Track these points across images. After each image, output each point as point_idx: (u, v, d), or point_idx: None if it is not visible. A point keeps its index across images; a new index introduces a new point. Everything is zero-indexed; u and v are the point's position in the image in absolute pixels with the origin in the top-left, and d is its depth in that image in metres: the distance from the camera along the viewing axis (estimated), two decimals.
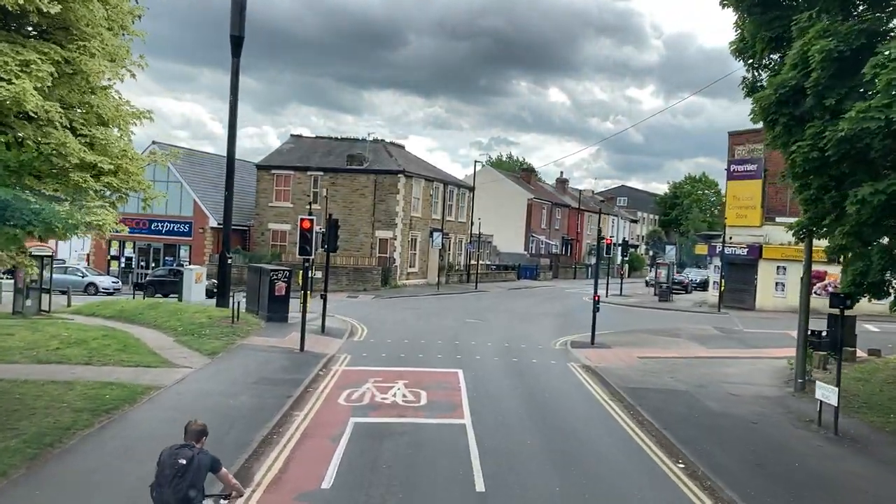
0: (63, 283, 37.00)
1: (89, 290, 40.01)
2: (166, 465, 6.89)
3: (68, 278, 38.99)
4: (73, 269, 41.89)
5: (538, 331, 29.10)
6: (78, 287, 38.92)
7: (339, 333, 25.38)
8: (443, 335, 26.29)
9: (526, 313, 36.07)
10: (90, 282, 40.99)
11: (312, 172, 49.39)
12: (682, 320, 35.42)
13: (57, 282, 37.56)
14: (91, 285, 40.66)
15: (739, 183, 41.49)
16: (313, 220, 20.75)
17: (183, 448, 7.03)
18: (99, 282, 41.54)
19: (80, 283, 39.99)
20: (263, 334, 23.71)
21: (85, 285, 40.36)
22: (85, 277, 41.27)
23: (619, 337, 27.40)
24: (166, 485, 6.82)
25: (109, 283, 41.96)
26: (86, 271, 42.21)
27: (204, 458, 7.04)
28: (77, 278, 40.38)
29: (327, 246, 24.98)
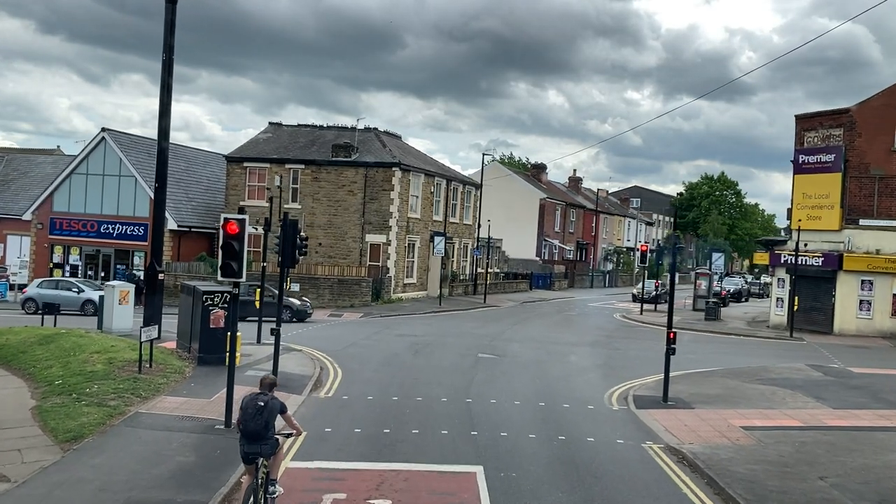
0: (55, 301, 29.71)
1: (87, 309, 31.83)
2: (249, 406, 9.08)
3: (60, 294, 32.15)
4: (66, 284, 34.03)
5: (578, 372, 21.36)
6: (72, 305, 31.88)
7: (298, 384, 17.69)
8: (449, 385, 18.54)
9: (553, 340, 28.34)
10: (87, 299, 32.51)
11: (291, 165, 41.68)
12: (756, 352, 27.68)
13: (46, 298, 30.86)
14: (89, 304, 32.07)
15: (811, 177, 33.78)
16: (243, 220, 13.06)
17: (260, 395, 9.27)
18: (96, 297, 32.10)
19: (75, 301, 32.40)
20: (183, 390, 16.01)
21: (81, 303, 32.42)
22: (81, 294, 33.04)
23: (693, 385, 19.67)
24: (250, 420, 9.00)
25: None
26: (82, 286, 33.97)
27: (275, 402, 9.34)
28: (71, 294, 32.80)
29: (282, 258, 17.28)
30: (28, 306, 32.44)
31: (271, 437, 9.22)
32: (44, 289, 33.28)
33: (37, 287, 33.59)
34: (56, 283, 34.30)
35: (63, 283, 34.47)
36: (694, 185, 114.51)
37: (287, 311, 31.07)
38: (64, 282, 34.66)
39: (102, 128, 41.04)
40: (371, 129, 44.59)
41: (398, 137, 47.38)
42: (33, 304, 32.13)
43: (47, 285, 33.99)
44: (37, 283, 34.19)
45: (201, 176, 46.02)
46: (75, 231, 41.58)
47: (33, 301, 32.34)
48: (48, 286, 33.80)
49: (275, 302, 30.34)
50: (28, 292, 33.38)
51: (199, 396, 15.45)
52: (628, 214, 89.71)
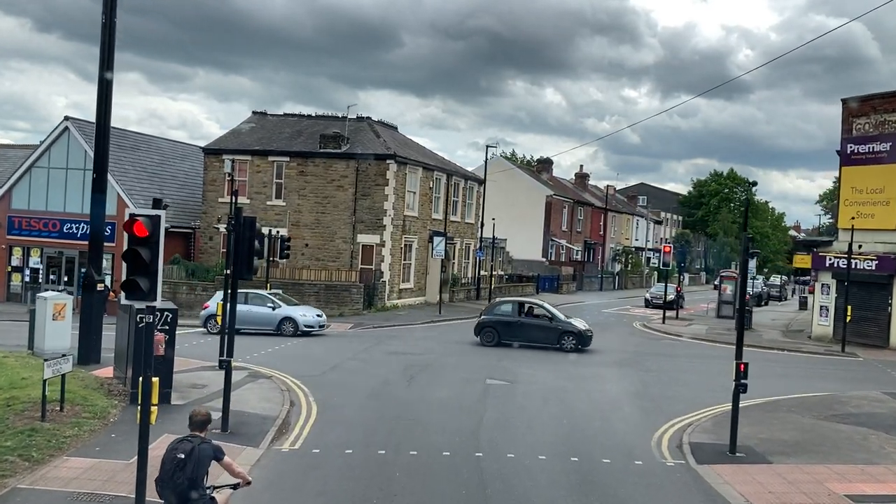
0: (247, 320, 25.88)
1: (285, 328, 26.99)
2: (166, 461, 7.05)
3: (251, 311, 26.88)
4: (258, 298, 27.85)
5: (610, 405, 17.31)
6: (265, 324, 27.06)
7: (256, 429, 13.64)
8: (452, 429, 14.50)
9: (571, 359, 24.30)
10: (285, 317, 27.29)
11: (275, 158, 37.62)
12: (811, 372, 23.66)
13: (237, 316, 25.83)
14: (288, 322, 27.16)
15: (861, 169, 29.74)
16: (158, 219, 9.06)
17: (183, 441, 7.09)
18: (299, 316, 27.51)
19: (270, 319, 27.21)
20: (96, 446, 11.97)
21: (278, 322, 27.15)
22: (277, 310, 27.40)
23: (758, 424, 15.63)
24: (168, 478, 6.95)
25: (313, 317, 27.90)
26: (277, 300, 28.07)
27: (205, 448, 7.10)
28: (264, 311, 27.34)
29: (234, 266, 13.26)
30: (211, 325, 26.67)
31: (203, 497, 7.16)
32: None
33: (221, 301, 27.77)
34: (245, 297, 26.97)
35: (254, 296, 27.94)
36: (702, 183, 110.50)
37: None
38: (255, 295, 28.08)
39: (65, 116, 36.94)
40: (364, 118, 40.51)
41: (394, 128, 43.31)
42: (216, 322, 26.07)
43: None
44: (219, 297, 27.84)
45: (178, 170, 41.97)
46: (35, 231, 37.51)
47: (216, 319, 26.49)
48: None
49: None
50: (211, 308, 26.86)
51: (115, 455, 11.40)
52: (636, 213, 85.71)
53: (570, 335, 25.60)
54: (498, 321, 26.21)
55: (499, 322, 26.19)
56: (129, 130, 41.89)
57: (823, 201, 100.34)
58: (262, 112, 42.61)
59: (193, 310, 33.05)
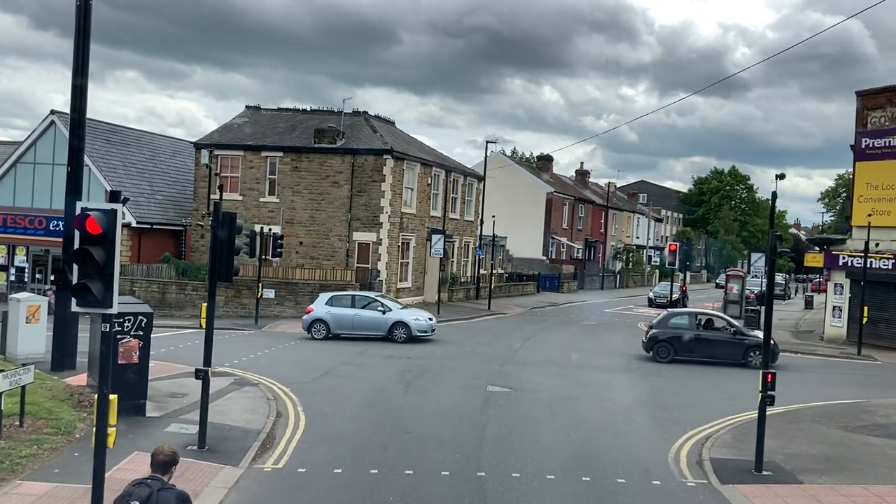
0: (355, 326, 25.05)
1: (397, 334, 25.24)
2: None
3: (360, 315, 25.44)
4: (365, 300, 26.23)
5: (622, 415, 16.13)
6: (377, 330, 25.44)
7: (238, 445, 12.47)
8: (451, 443, 13.33)
9: (577, 363, 23.14)
10: (397, 321, 25.48)
11: (268, 153, 36.40)
12: (830, 377, 22.48)
13: (341, 319, 25.15)
14: (400, 327, 25.36)
15: (877, 165, 28.60)
16: (114, 214, 7.87)
17: (140, 485, 5.89)
18: (412, 320, 25.72)
19: (380, 324, 25.49)
20: (55, 467, 10.79)
21: (389, 326, 25.40)
22: (388, 314, 25.69)
23: (782, 437, 14.44)
24: None
25: (425, 321, 26.09)
26: (387, 302, 26.49)
27: (166, 495, 5.84)
28: (374, 315, 25.59)
29: (210, 270, 12.08)
30: (316, 329, 25.52)
31: None
32: (336, 306, 25.91)
33: (326, 304, 26.03)
34: (351, 300, 26.27)
35: (361, 299, 26.45)
36: (703, 180, 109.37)
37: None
38: (362, 298, 26.60)
39: (51, 110, 35.69)
40: (360, 112, 39.32)
41: (391, 123, 42.10)
42: (324, 326, 25.47)
43: (339, 302, 26.23)
44: (325, 299, 26.42)
45: (169, 166, 40.74)
46: (21, 228, 36.22)
47: (323, 323, 25.53)
48: (340, 303, 26.15)
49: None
50: (315, 311, 25.83)
51: (76, 478, 10.21)
52: (637, 210, 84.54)
53: (758, 350, 23.26)
54: (672, 335, 23.93)
55: (673, 337, 23.91)
56: (119, 125, 40.63)
57: (825, 199, 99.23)
58: (255, 106, 41.37)
59: (184, 310, 31.93)
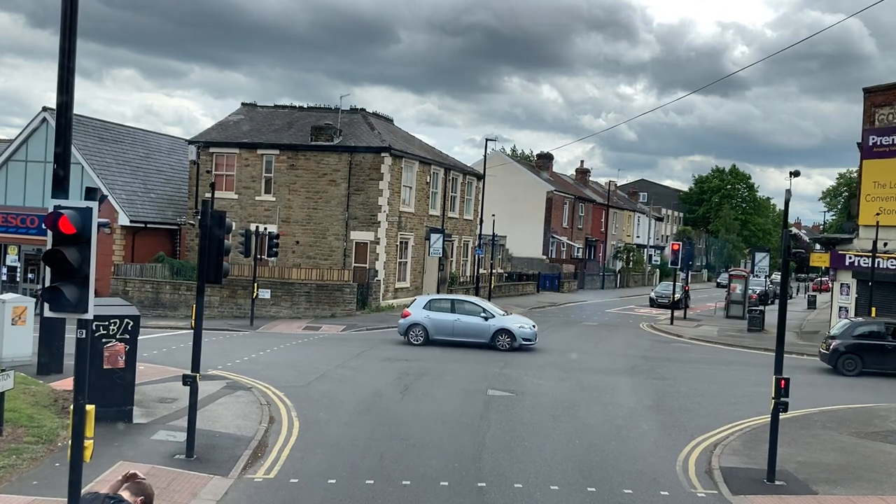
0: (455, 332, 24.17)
1: (500, 341, 24.10)
2: None
3: (460, 320, 24.52)
4: (464, 305, 25.40)
5: (627, 420, 15.60)
6: (479, 336, 24.36)
7: (227, 453, 11.95)
8: (450, 451, 12.81)
9: (579, 365, 22.61)
10: (501, 328, 24.37)
11: (264, 151, 35.86)
12: (837, 381, 21.97)
13: (440, 325, 24.34)
14: (503, 334, 24.25)
15: (885, 163, 28.08)
16: (89, 211, 7.35)
17: None
18: (516, 327, 24.53)
19: (482, 330, 24.42)
20: (34, 479, 10.27)
21: (492, 334, 24.28)
22: (490, 320, 24.60)
23: (794, 443, 13.94)
24: None
25: (529, 328, 24.85)
26: (488, 308, 25.43)
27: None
28: (475, 321, 24.60)
29: (199, 271, 11.53)
30: (414, 335, 24.71)
31: None
32: (435, 311, 25.00)
33: (424, 308, 25.18)
34: (451, 304, 25.37)
35: (461, 303, 25.47)
36: (704, 179, 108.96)
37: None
38: (462, 302, 25.65)
39: (43, 107, 35.09)
40: (358, 109, 38.77)
41: (389, 121, 41.55)
42: (422, 331, 24.62)
43: (438, 306, 25.32)
44: (423, 302, 25.72)
45: (164, 164, 40.14)
46: (13, 227, 35.60)
47: (422, 328, 24.63)
48: (439, 307, 25.24)
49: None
50: (413, 315, 24.95)
51: (55, 491, 9.65)
52: (637, 209, 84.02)
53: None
54: (861, 345, 22.61)
55: (861, 346, 22.59)
56: (112, 122, 40.03)
57: (827, 198, 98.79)
58: (251, 104, 40.82)
59: (178, 310, 31.39)
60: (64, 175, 14.98)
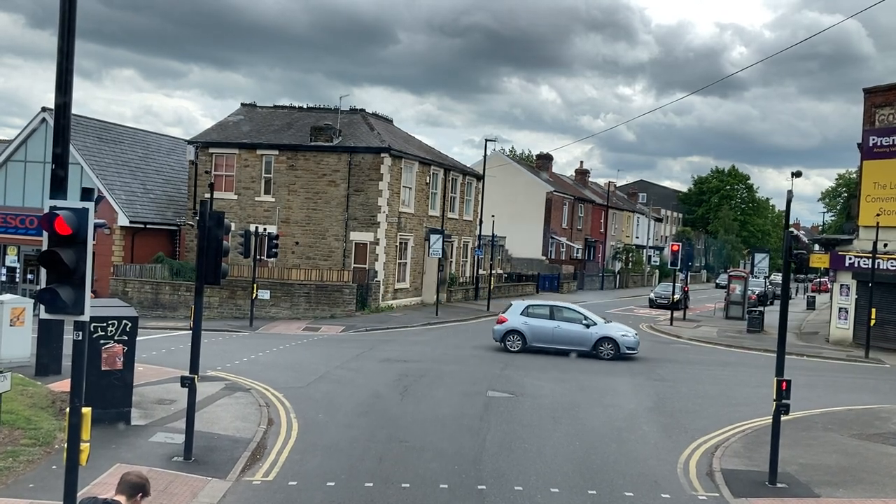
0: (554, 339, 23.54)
1: (603, 350, 23.47)
2: None
3: (560, 328, 23.79)
4: (563, 311, 24.53)
5: (627, 422, 15.54)
6: (580, 345, 23.68)
7: (226, 455, 11.88)
8: (450, 453, 12.75)
9: (579, 367, 22.48)
10: (603, 336, 23.66)
11: (264, 151, 35.79)
12: (838, 381, 21.96)
13: (539, 332, 23.58)
14: (606, 342, 23.57)
15: (885, 163, 28.05)
16: (85, 212, 7.28)
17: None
18: (619, 336, 23.84)
19: (585, 339, 23.71)
20: (30, 481, 10.22)
21: (594, 342, 23.61)
22: (592, 328, 23.88)
23: (796, 445, 13.88)
24: None
25: (632, 337, 24.18)
26: (590, 315, 24.65)
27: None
28: (576, 329, 23.90)
29: (198, 271, 11.45)
30: (511, 341, 24.09)
31: None
32: (533, 317, 24.26)
33: (521, 314, 24.41)
34: (550, 311, 24.49)
35: (560, 310, 24.59)
36: (703, 180, 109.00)
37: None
38: (561, 309, 24.72)
39: (42, 107, 35.02)
40: (357, 110, 38.72)
41: (389, 121, 41.49)
42: (520, 338, 23.99)
43: (536, 312, 24.53)
44: (519, 308, 24.82)
45: (163, 164, 40.07)
46: (12, 228, 35.55)
47: (519, 335, 24.02)
48: (537, 314, 24.44)
49: None
50: (510, 321, 24.23)
51: (51, 494, 9.58)
52: (637, 210, 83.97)
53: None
54: None
55: None
56: (112, 123, 39.96)
57: (826, 199, 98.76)
58: (251, 104, 40.76)
59: (177, 311, 31.29)
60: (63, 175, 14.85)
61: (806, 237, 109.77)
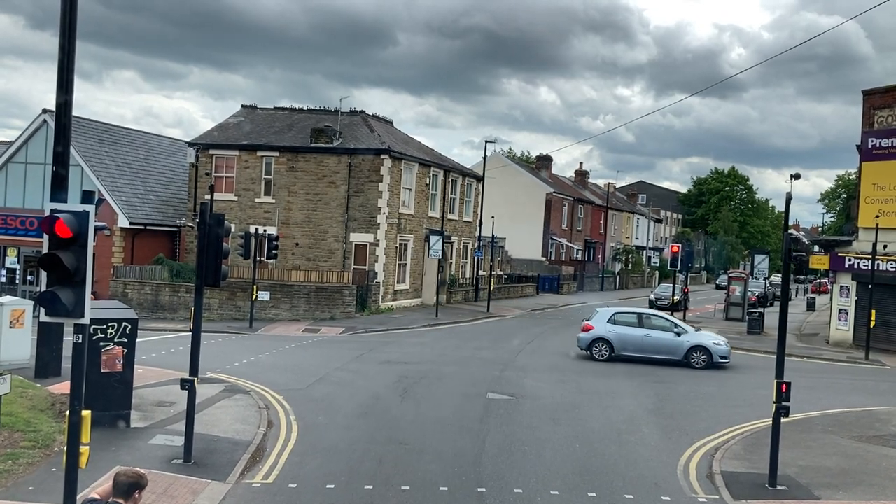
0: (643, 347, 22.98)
1: (695, 359, 22.85)
2: None
3: (650, 336, 23.20)
4: (652, 319, 24.12)
5: (627, 424, 15.54)
6: (671, 353, 23.06)
7: (226, 457, 11.89)
8: (450, 455, 12.76)
9: (580, 368, 22.53)
10: (696, 345, 23.08)
11: (264, 153, 35.80)
12: (838, 383, 21.95)
13: (628, 340, 22.97)
14: (698, 351, 22.98)
15: (884, 165, 28.06)
16: (86, 215, 7.29)
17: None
18: (711, 344, 23.29)
19: (676, 348, 23.10)
20: (29, 484, 10.22)
21: (685, 351, 23.01)
22: (683, 336, 23.28)
23: (796, 447, 13.87)
24: None
25: (724, 345, 23.61)
26: (681, 323, 24.25)
27: None
28: (665, 337, 23.31)
29: (198, 272, 11.45)
30: (598, 350, 23.55)
31: None
32: (621, 325, 23.73)
33: (608, 322, 23.89)
34: (638, 318, 24.09)
35: (649, 318, 24.20)
36: (703, 181, 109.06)
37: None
38: (650, 317, 24.42)
39: (43, 109, 35.02)
40: (357, 111, 38.73)
41: (389, 122, 41.52)
42: (607, 347, 23.47)
43: (623, 320, 24.07)
44: (606, 316, 24.20)
45: (163, 166, 40.09)
46: (12, 229, 35.54)
47: (606, 343, 23.48)
48: (625, 321, 23.96)
49: None
50: (596, 329, 23.76)
51: (50, 497, 9.56)
52: (637, 211, 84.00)
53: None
54: None
55: None
56: (112, 124, 39.96)
57: (825, 200, 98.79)
58: (251, 105, 40.77)
59: (177, 312, 31.29)
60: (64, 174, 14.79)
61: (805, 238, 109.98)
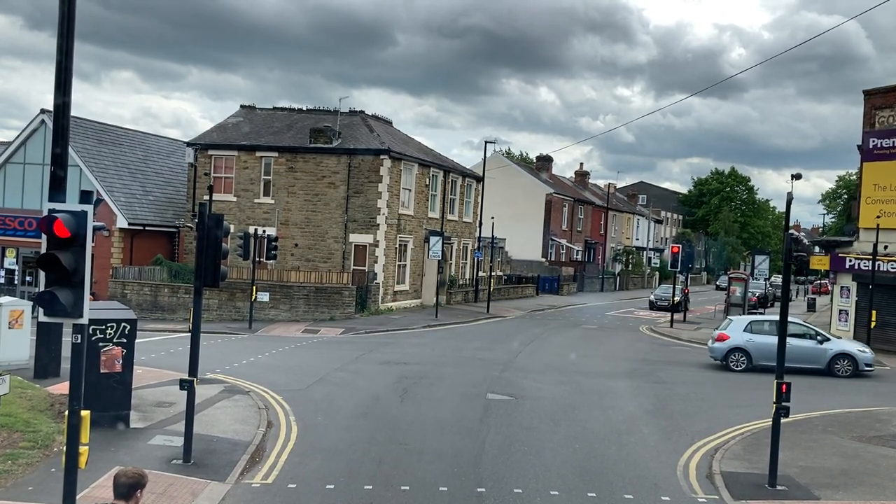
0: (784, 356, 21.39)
1: (838, 368, 22.27)
2: None
3: (792, 344, 20.34)
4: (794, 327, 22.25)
5: (627, 425, 15.51)
6: (813, 362, 22.19)
7: (225, 458, 11.86)
8: (449, 456, 12.73)
9: (580, 369, 22.51)
10: (840, 352, 22.49)
11: (263, 153, 35.78)
12: (838, 386, 21.85)
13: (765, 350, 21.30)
14: (843, 359, 22.36)
15: (885, 165, 28.02)
16: (84, 215, 7.25)
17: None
18: (856, 352, 22.71)
19: (818, 356, 22.35)
20: (28, 484, 10.18)
21: (829, 359, 22.33)
22: (825, 343, 22.62)
23: (795, 448, 13.85)
24: None
25: (870, 352, 23.11)
26: (822, 331, 23.82)
27: None
28: (808, 345, 22.42)
29: (196, 273, 11.42)
30: (735, 360, 22.87)
31: None
32: (758, 333, 22.86)
33: (744, 331, 23.16)
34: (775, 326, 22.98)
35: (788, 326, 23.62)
36: (703, 181, 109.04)
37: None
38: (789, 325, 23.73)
39: (41, 109, 35.00)
40: (357, 111, 38.70)
41: (388, 123, 41.50)
42: (744, 357, 22.77)
43: (760, 328, 23.21)
44: (742, 325, 23.57)
45: (162, 166, 40.07)
46: (11, 230, 35.54)
47: (744, 353, 22.76)
48: (762, 330, 23.02)
49: None
50: (732, 339, 23.00)
51: (50, 497, 9.54)
52: (637, 212, 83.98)
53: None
54: None
55: None
56: (111, 125, 39.94)
57: (826, 200, 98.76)
58: (250, 106, 40.74)
59: (176, 313, 31.26)
60: (62, 175, 14.74)
61: (806, 239, 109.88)
